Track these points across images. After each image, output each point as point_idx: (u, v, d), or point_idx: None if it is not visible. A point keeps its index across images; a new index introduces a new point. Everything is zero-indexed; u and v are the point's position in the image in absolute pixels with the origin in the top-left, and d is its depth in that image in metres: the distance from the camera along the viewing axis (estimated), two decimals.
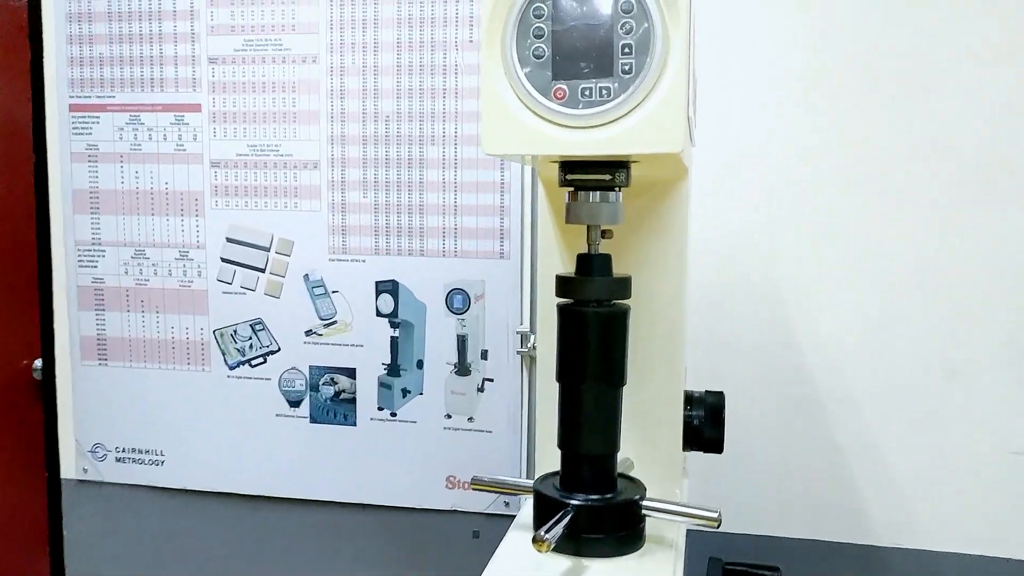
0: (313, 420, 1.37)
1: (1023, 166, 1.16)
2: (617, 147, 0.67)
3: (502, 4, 0.68)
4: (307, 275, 1.36)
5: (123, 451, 1.44)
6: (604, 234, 0.78)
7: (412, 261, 1.33)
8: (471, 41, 1.31)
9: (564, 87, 0.68)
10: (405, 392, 1.35)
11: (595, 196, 0.75)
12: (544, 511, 0.77)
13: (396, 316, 1.33)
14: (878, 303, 1.22)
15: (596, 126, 0.68)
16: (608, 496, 0.77)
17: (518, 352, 1.31)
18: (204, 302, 1.39)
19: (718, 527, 0.74)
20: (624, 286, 0.77)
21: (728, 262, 1.25)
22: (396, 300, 1.33)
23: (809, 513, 1.25)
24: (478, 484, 0.88)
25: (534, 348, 1.30)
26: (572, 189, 0.77)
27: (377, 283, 1.35)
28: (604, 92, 0.68)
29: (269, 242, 1.36)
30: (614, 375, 0.78)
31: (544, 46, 0.68)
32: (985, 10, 1.16)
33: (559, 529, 0.72)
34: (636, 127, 0.67)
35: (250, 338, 1.38)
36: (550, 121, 0.69)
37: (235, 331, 1.39)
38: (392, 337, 1.34)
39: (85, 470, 1.47)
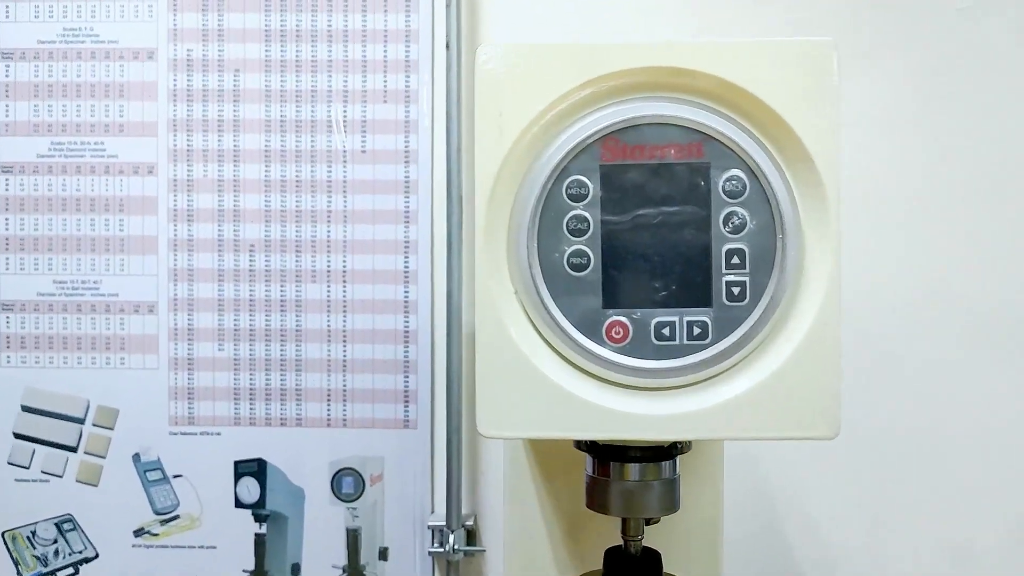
0: None
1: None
2: (715, 429, 0.36)
3: (511, 171, 0.36)
4: (138, 455, 1.03)
5: None
6: (649, 519, 0.47)
7: (285, 433, 1.03)
8: (363, 152, 1.00)
9: (624, 321, 0.37)
10: None
11: (641, 473, 0.44)
12: None
13: (263, 506, 1.04)
14: (875, 479, 1.03)
15: (679, 389, 0.37)
16: None
17: (430, 552, 1.03)
18: None
19: None
20: None
21: None
22: (263, 485, 1.04)
23: None
24: None
25: (454, 550, 0.99)
26: (594, 457, 0.45)
27: (237, 463, 1.04)
28: (696, 331, 0.37)
29: (84, 411, 1.04)
30: None
31: (588, 251, 0.37)
32: None
33: None
34: (754, 396, 0.36)
35: (55, 541, 1.05)
36: (600, 379, 0.37)
37: (33, 532, 1.05)
38: (257, 535, 1.04)
39: None
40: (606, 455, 0.45)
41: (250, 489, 1.05)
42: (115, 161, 1.03)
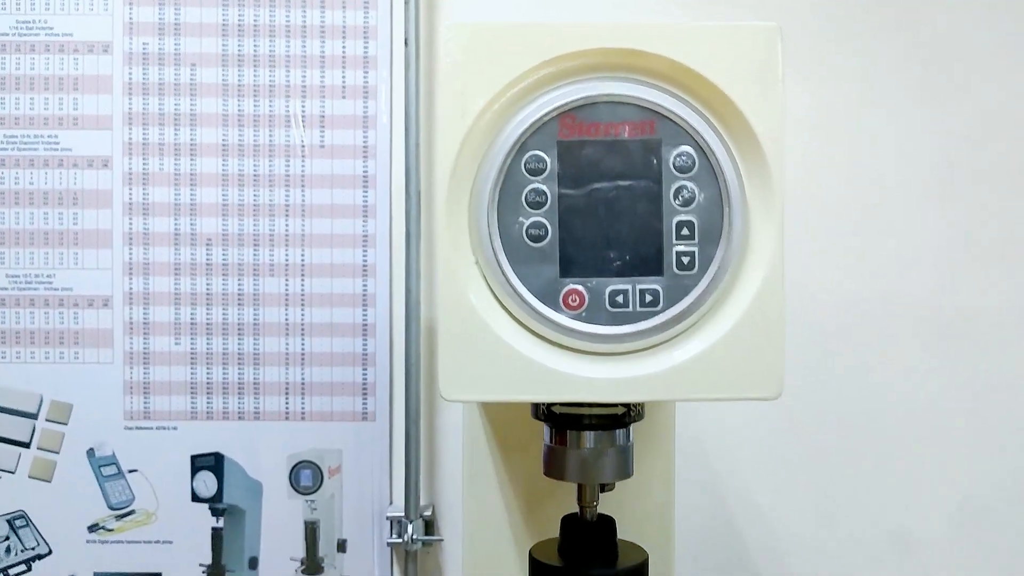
0: None
1: (970, 320, 1.02)
2: (668, 391, 0.38)
3: (473, 147, 0.38)
4: (92, 450, 1.01)
5: None
6: (603, 486, 0.49)
7: (243, 427, 1.01)
8: (322, 146, 1.00)
9: (581, 290, 0.39)
10: None
11: (596, 440, 0.46)
12: None
13: (220, 500, 1.02)
14: (821, 472, 1.04)
15: (632, 354, 0.39)
16: None
17: (388, 543, 1.02)
18: None
19: None
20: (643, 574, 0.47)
21: None
22: (220, 479, 1.02)
23: None
24: None
25: (413, 540, 0.99)
26: (551, 426, 0.47)
27: (194, 457, 1.02)
28: (648, 298, 0.39)
29: (37, 406, 1.01)
30: None
31: (546, 222, 0.39)
32: None
33: None
34: (703, 359, 0.38)
35: (7, 538, 1.02)
36: (557, 345, 0.39)
37: None
38: (214, 529, 1.02)
39: None
40: (563, 424, 0.47)
41: (207, 483, 1.03)
42: (69, 155, 1.01)
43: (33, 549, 1.03)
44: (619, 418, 0.46)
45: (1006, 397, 1.03)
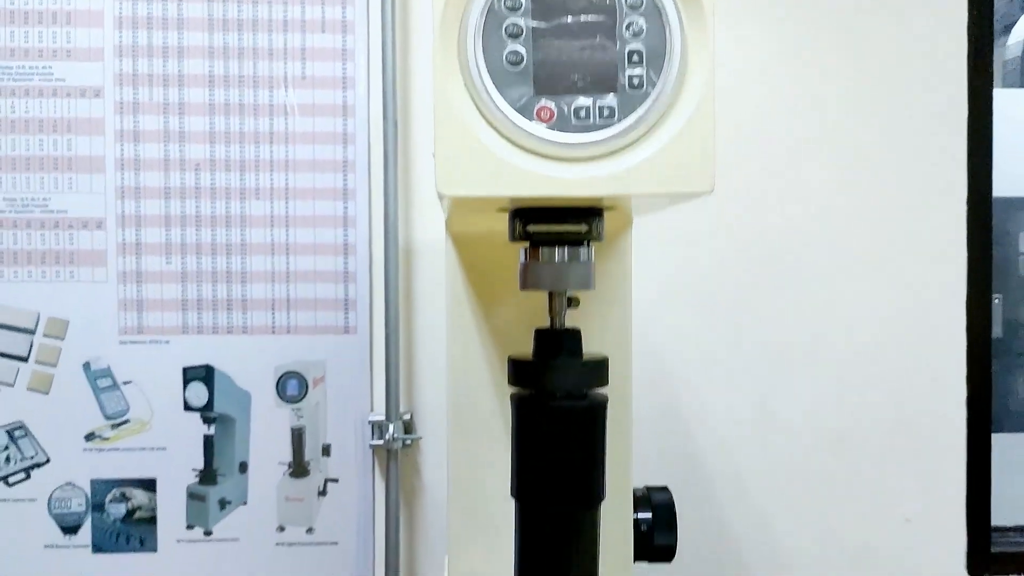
0: (97, 549, 1.08)
1: (908, 240, 1.12)
2: (623, 186, 0.48)
3: None
4: (88, 363, 1.07)
5: None
6: (570, 302, 0.58)
7: (232, 340, 1.08)
8: (303, 77, 1.07)
9: (551, 105, 0.48)
10: (224, 504, 1.08)
11: (563, 254, 0.55)
12: None
13: (211, 409, 1.07)
14: (764, 377, 1.12)
15: (593, 158, 0.48)
16: None
17: (371, 445, 1.08)
18: None
19: None
20: (603, 372, 0.57)
21: None
22: (211, 390, 1.08)
23: None
24: None
25: (394, 439, 1.07)
26: (528, 245, 0.56)
27: (185, 369, 1.08)
28: (606, 112, 0.48)
29: (34, 323, 1.07)
30: (594, 491, 0.57)
31: (522, 50, 0.48)
32: None
33: None
34: (651, 160, 0.48)
35: (7, 448, 1.07)
36: (531, 151, 0.48)
37: None
38: (206, 436, 1.08)
39: None
40: (536, 242, 0.56)
41: (198, 393, 1.07)
42: (63, 85, 1.05)
43: (32, 458, 1.06)
44: (582, 236, 0.55)
45: (928, 312, 1.12)
